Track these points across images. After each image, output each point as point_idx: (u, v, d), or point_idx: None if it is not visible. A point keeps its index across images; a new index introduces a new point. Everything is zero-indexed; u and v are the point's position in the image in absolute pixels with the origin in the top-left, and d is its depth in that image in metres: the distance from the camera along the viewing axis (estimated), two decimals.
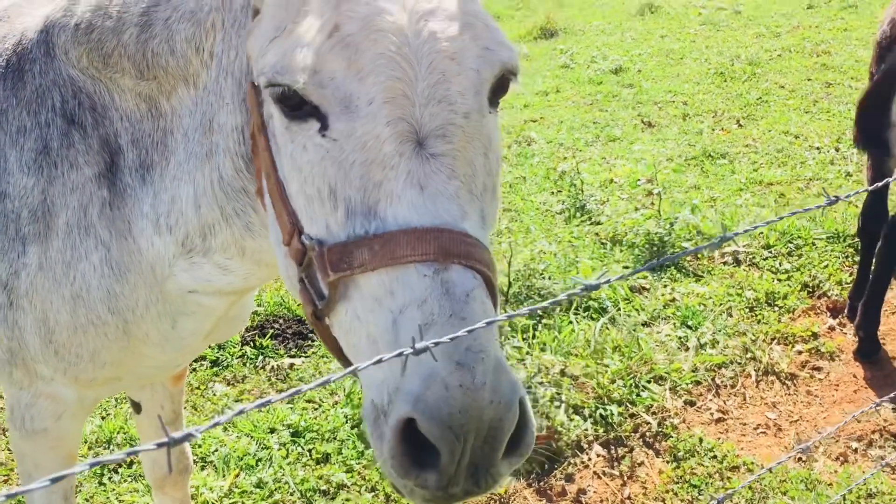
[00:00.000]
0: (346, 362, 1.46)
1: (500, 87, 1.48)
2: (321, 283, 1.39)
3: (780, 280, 5.33)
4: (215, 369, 4.43)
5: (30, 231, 1.89)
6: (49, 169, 1.87)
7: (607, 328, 4.60)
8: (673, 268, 5.43)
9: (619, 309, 4.89)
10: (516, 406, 1.29)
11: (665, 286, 5.27)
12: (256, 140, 1.53)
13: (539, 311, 4.66)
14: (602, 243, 5.86)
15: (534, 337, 4.51)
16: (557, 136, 8.39)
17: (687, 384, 4.32)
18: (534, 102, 9.71)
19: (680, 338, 4.70)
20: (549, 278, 5.01)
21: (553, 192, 6.91)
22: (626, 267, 5.44)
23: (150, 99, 1.82)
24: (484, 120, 1.43)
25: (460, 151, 1.36)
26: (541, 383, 4.07)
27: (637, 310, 4.94)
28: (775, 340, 4.75)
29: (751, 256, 5.59)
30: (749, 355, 4.57)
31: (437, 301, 1.26)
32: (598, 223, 6.16)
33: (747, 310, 5.02)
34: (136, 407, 2.74)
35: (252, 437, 3.89)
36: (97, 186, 1.87)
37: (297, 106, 1.38)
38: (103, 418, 4.03)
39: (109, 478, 3.66)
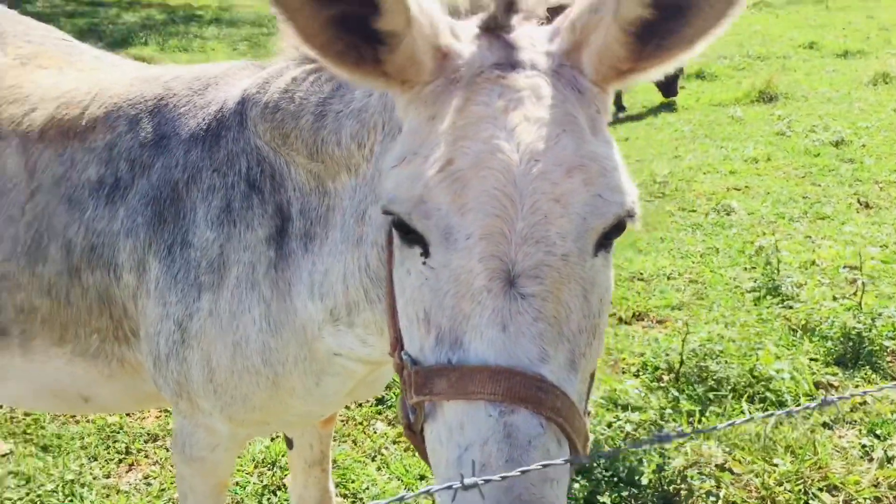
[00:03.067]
0: None
1: (614, 230, 1.43)
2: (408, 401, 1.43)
3: None
4: (379, 407, 4.61)
5: (206, 280, 2.09)
6: (229, 226, 2.07)
7: (781, 424, 4.32)
8: (868, 367, 5.02)
9: (798, 404, 4.58)
10: None
11: (857, 386, 4.88)
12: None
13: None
14: (792, 330, 5.52)
15: (700, 422, 4.33)
16: (760, 208, 8.02)
17: (865, 499, 3.97)
18: (741, 169, 9.35)
19: (864, 446, 4.33)
20: (726, 362, 4.79)
21: (746, 268, 6.60)
22: (814, 360, 5.09)
23: (318, 178, 1.98)
24: (586, 263, 1.38)
25: (552, 293, 1.33)
26: (700, 473, 3.91)
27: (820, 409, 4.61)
28: None
29: None
30: None
31: (497, 444, 1.24)
32: (791, 307, 5.81)
33: None
34: (289, 443, 2.92)
35: (402, 480, 4.01)
36: (266, 247, 2.04)
37: (406, 232, 1.42)
38: (272, 440, 4.30)
39: (268, 499, 3.90)
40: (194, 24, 21.28)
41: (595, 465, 3.97)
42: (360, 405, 4.60)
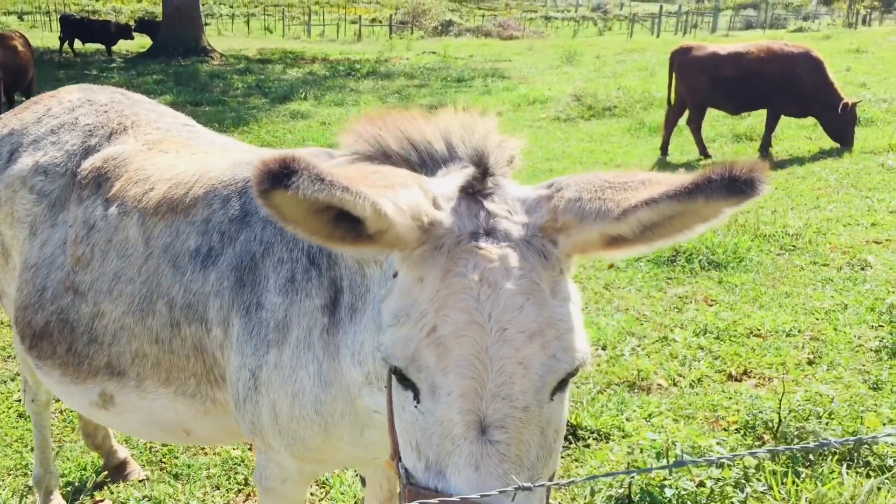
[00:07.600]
0: None
1: (566, 378, 1.68)
2: None
3: None
4: None
5: (273, 338, 2.45)
6: (292, 294, 2.43)
7: (879, 489, 4.22)
8: None
9: None
10: None
11: None
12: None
13: (783, 457, 4.42)
14: None
15: (793, 483, 4.30)
16: None
17: None
18: (884, 221, 8.99)
19: None
20: (827, 424, 4.71)
21: (873, 327, 6.39)
22: None
23: (358, 263, 2.30)
24: (543, 409, 1.66)
25: (514, 437, 1.61)
26: None
27: None
28: None
29: None
30: None
31: None
32: None
33: None
34: (363, 481, 3.24)
35: None
36: (321, 314, 2.38)
37: (401, 378, 1.72)
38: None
39: None
40: (352, 77, 22.55)
41: None
42: None
